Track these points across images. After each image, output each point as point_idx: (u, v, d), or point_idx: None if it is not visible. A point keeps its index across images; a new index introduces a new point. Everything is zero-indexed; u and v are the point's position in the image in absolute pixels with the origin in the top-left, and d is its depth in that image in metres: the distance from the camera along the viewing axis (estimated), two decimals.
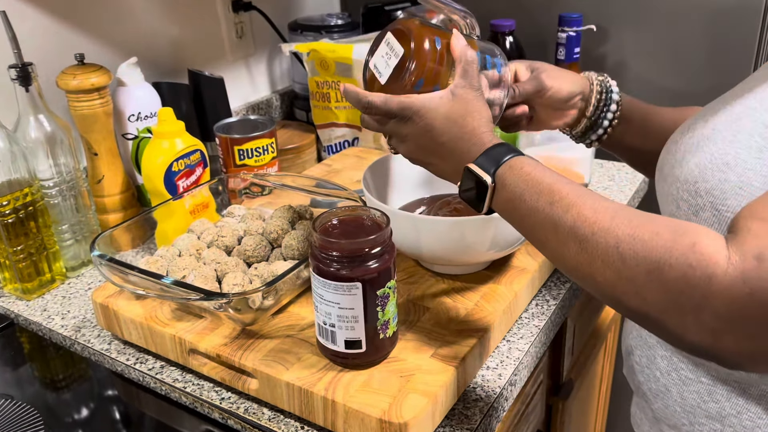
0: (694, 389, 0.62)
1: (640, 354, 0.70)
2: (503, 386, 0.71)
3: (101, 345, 0.81)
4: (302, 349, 0.69)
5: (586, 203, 0.52)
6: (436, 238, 0.74)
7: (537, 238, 0.56)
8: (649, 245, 0.48)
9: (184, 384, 0.74)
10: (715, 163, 0.56)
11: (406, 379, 0.65)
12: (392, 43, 0.66)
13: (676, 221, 0.49)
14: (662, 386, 0.66)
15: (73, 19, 1.05)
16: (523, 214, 0.56)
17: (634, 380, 0.73)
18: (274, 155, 1.08)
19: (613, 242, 0.49)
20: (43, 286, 0.92)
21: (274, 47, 1.44)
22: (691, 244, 0.47)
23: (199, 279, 0.75)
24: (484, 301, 0.76)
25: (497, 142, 0.60)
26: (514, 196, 0.56)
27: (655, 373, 0.67)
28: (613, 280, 0.49)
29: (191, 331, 0.73)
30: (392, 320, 0.66)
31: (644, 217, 0.50)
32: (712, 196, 0.55)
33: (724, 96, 0.65)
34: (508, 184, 0.57)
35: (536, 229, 0.55)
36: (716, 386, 0.60)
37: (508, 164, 0.58)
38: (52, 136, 0.89)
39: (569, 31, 1.18)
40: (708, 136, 0.58)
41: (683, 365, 0.63)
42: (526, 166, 0.57)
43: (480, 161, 0.59)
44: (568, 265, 0.53)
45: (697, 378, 0.62)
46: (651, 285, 0.47)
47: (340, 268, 0.61)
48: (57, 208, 0.92)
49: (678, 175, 0.60)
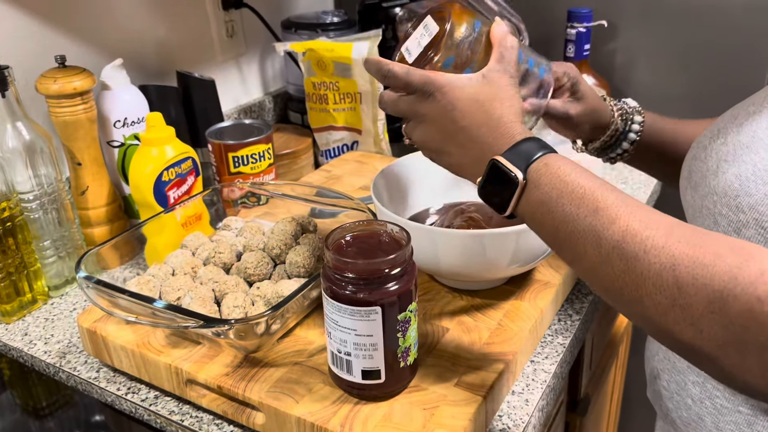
0: (731, 419, 0.57)
1: (668, 379, 0.65)
2: (531, 413, 0.65)
3: (89, 373, 0.74)
4: (313, 379, 0.63)
5: (636, 215, 0.45)
6: (456, 253, 0.68)
7: (572, 250, 0.48)
8: (711, 270, 0.41)
9: (181, 416, 0.67)
10: (758, 174, 0.50)
11: (430, 412, 0.58)
12: (429, 23, 0.60)
13: (738, 242, 0.43)
14: (695, 415, 0.61)
15: (53, 18, 0.98)
16: (557, 222, 0.48)
17: (661, 406, 0.67)
18: (270, 162, 1.01)
19: (668, 263, 0.42)
20: (23, 308, 0.85)
21: (267, 47, 1.37)
22: (759, 272, 0.40)
23: (196, 301, 0.68)
24: (507, 319, 0.70)
25: (529, 135, 0.53)
26: (549, 199, 0.48)
27: (686, 401, 0.62)
28: (665, 308, 0.42)
29: (188, 360, 0.66)
30: (413, 346, 0.60)
31: (704, 236, 0.43)
32: (756, 212, 0.50)
33: (754, 98, 0.60)
34: (542, 185, 0.49)
35: (572, 240, 0.47)
36: (757, 416, 0.55)
37: (542, 161, 0.50)
38: (32, 145, 0.82)
39: (579, 27, 1.12)
40: (747, 144, 0.53)
41: (718, 393, 0.58)
42: (564, 166, 0.49)
43: (509, 155, 0.51)
44: (610, 285, 0.46)
45: (735, 407, 0.56)
46: (711, 317, 0.41)
47: (357, 291, 0.55)
48: (38, 223, 0.85)
49: (714, 186, 0.54)
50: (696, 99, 1.19)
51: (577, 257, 0.48)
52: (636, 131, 0.78)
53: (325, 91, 1.16)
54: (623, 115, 0.78)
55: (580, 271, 0.49)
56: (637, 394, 0.76)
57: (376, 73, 0.58)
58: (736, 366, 0.41)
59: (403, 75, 0.56)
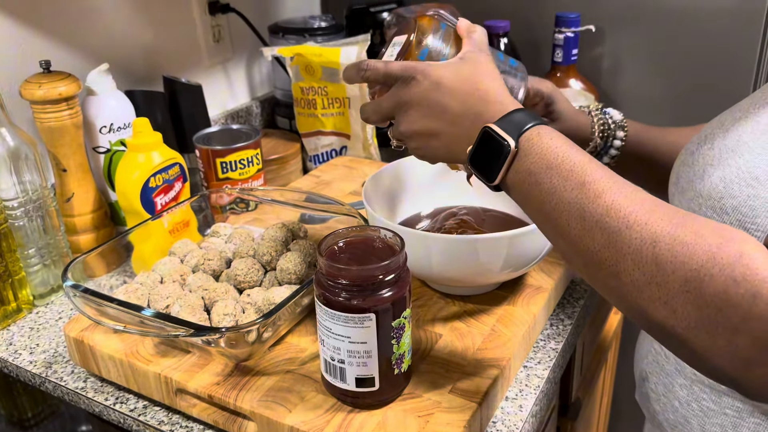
0: (717, 422, 0.58)
1: (656, 381, 0.65)
2: (525, 419, 0.65)
3: (76, 383, 0.73)
4: (305, 387, 0.62)
5: (621, 191, 0.45)
6: (449, 257, 0.67)
7: (557, 223, 0.48)
8: (690, 249, 0.41)
9: (171, 426, 0.66)
10: (742, 177, 0.51)
11: (424, 420, 0.58)
12: (396, 40, 0.62)
13: (720, 224, 0.43)
14: (681, 417, 0.61)
15: (37, 22, 0.97)
16: (544, 193, 0.48)
17: (648, 408, 0.68)
18: (259, 167, 1.01)
19: (649, 239, 0.42)
20: (8, 317, 0.83)
21: (254, 51, 1.36)
22: (737, 254, 0.40)
23: (185, 309, 0.67)
24: (501, 325, 0.70)
25: (519, 107, 0.52)
26: (538, 170, 0.48)
27: (673, 403, 0.62)
28: (642, 284, 0.43)
29: (178, 369, 0.65)
30: (407, 353, 0.59)
31: (686, 215, 0.43)
32: (740, 214, 0.50)
33: (741, 104, 0.61)
34: (533, 153, 0.49)
35: (558, 212, 0.47)
36: (742, 419, 0.56)
37: (536, 131, 0.50)
38: (16, 152, 0.80)
39: (567, 32, 1.13)
40: (732, 148, 0.53)
41: (705, 395, 0.58)
42: (556, 138, 0.49)
43: (501, 123, 0.51)
44: (590, 259, 0.46)
45: (721, 410, 0.57)
46: (685, 296, 0.41)
47: (350, 298, 0.55)
48: (22, 230, 0.84)
49: (700, 189, 0.55)
50: (682, 103, 1.19)
51: (560, 230, 0.48)
52: (617, 147, 0.79)
53: (314, 96, 1.15)
54: (604, 131, 0.79)
55: (562, 245, 0.49)
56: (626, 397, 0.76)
57: (355, 73, 0.58)
58: (706, 348, 0.41)
59: (383, 66, 0.57)
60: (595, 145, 0.79)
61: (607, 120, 0.79)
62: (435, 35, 0.60)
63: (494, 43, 1.17)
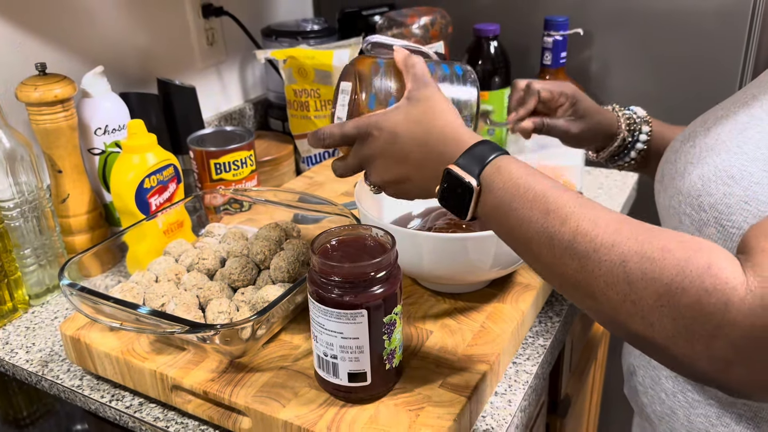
0: (702, 412, 0.60)
1: (643, 375, 0.67)
2: (513, 413, 0.66)
3: (72, 381, 0.74)
4: (299, 383, 0.63)
5: (585, 214, 0.46)
6: (439, 256, 0.69)
7: (529, 251, 0.49)
8: (659, 265, 0.42)
9: (166, 423, 0.67)
10: (719, 175, 0.52)
11: (415, 413, 0.59)
12: (343, 87, 0.64)
13: (686, 236, 0.44)
14: (668, 408, 0.63)
15: (33, 25, 0.98)
16: (512, 225, 0.49)
17: (637, 401, 0.69)
18: (253, 168, 1.02)
19: (618, 260, 0.43)
20: (4, 317, 0.84)
21: (247, 54, 1.37)
22: (706, 266, 0.41)
23: (180, 307, 0.68)
24: (490, 321, 0.71)
25: (479, 140, 0.53)
26: (502, 203, 0.50)
27: (660, 395, 0.64)
28: (617, 303, 0.44)
29: (173, 366, 0.66)
30: (398, 349, 0.61)
31: (651, 231, 0.45)
32: (716, 211, 0.52)
33: (724, 103, 0.62)
34: (495, 189, 0.50)
35: (528, 241, 0.49)
36: (726, 409, 0.58)
37: (494, 164, 0.51)
38: (12, 153, 0.81)
39: (555, 35, 1.14)
40: (711, 147, 0.55)
41: (690, 387, 0.60)
42: (515, 169, 0.50)
43: (461, 161, 0.52)
44: (565, 283, 0.47)
45: (706, 400, 0.59)
46: (660, 310, 0.42)
47: (343, 294, 0.56)
48: (18, 231, 0.84)
49: (680, 187, 0.57)
50: (669, 105, 1.21)
51: (533, 258, 0.49)
52: (643, 141, 0.82)
53: (306, 98, 1.17)
54: (630, 125, 0.82)
55: (539, 271, 0.50)
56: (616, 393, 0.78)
57: (315, 142, 0.61)
58: (686, 355, 0.43)
59: (337, 129, 0.59)
60: (623, 138, 0.82)
61: (632, 115, 0.82)
62: (376, 77, 0.62)
63: (484, 46, 1.18)
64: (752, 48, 1.13)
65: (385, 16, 1.24)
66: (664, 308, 0.42)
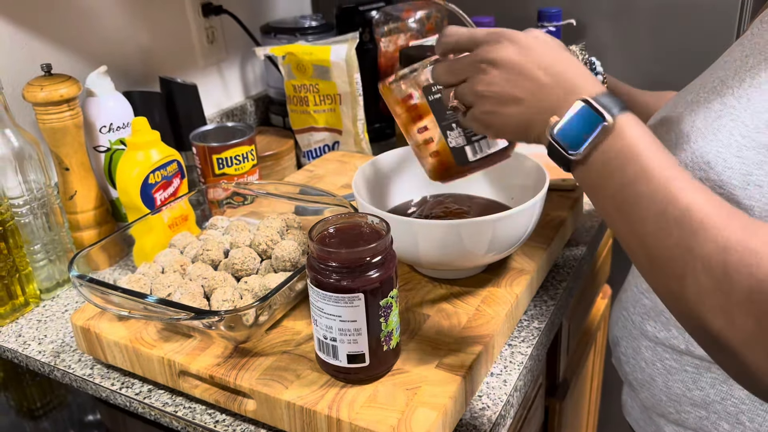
0: (679, 378, 0.63)
1: (626, 345, 0.70)
2: (509, 393, 0.69)
3: (83, 370, 0.77)
4: (301, 366, 0.66)
5: (703, 190, 0.44)
6: (435, 242, 0.71)
7: (630, 213, 0.45)
8: (759, 258, 0.40)
9: (174, 408, 0.70)
10: (696, 162, 0.55)
11: (412, 392, 0.62)
12: None
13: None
14: (648, 376, 0.67)
15: (38, 27, 1.00)
16: (627, 179, 0.45)
17: (621, 370, 0.73)
18: (254, 163, 1.04)
19: (722, 244, 0.41)
20: (16, 311, 0.87)
21: (247, 51, 1.40)
22: None
23: (186, 296, 0.71)
24: (485, 305, 0.74)
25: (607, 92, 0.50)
26: (628, 154, 0.45)
27: (640, 364, 0.68)
28: (706, 290, 0.41)
29: (180, 352, 0.69)
30: (395, 331, 0.63)
31: (760, 225, 0.42)
32: None
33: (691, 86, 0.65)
34: (627, 136, 0.46)
35: (636, 203, 0.45)
36: (701, 375, 0.61)
37: (632, 115, 0.47)
38: (21, 152, 0.84)
39: (549, 26, 1.16)
40: (687, 134, 0.58)
41: (667, 355, 0.64)
42: (647, 129, 0.47)
43: (601, 99, 0.47)
44: (659, 256, 0.44)
45: (682, 367, 0.62)
46: (747, 306, 0.40)
47: (341, 279, 0.58)
48: (28, 228, 0.87)
49: None
50: None
51: (633, 222, 0.46)
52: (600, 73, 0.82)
53: (306, 93, 1.19)
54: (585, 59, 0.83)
55: (630, 237, 0.47)
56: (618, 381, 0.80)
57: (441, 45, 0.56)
58: (758, 366, 0.40)
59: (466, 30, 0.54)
60: None
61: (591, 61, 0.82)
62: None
63: None
64: None
65: (382, 11, 1.26)
66: (752, 305, 0.40)
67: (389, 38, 1.26)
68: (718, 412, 0.60)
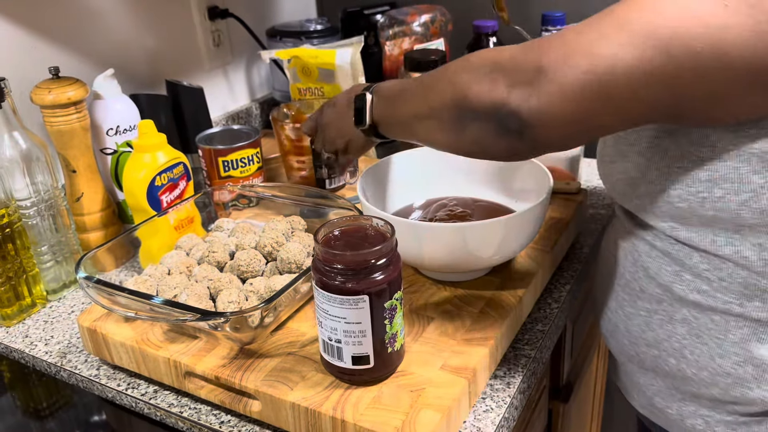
0: (636, 322, 0.70)
1: (601, 301, 0.77)
2: (513, 395, 0.69)
3: (89, 371, 0.77)
4: (305, 367, 0.66)
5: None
6: (439, 245, 0.71)
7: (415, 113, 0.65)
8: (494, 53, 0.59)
9: (180, 408, 0.71)
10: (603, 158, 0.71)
11: (417, 394, 0.62)
12: None
13: None
14: (612, 325, 0.74)
15: (46, 31, 1.01)
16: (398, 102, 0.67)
17: (601, 327, 0.79)
18: (259, 165, 1.05)
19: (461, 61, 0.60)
20: (23, 311, 0.88)
21: (252, 55, 1.41)
22: None
23: (192, 298, 0.71)
24: (489, 307, 0.74)
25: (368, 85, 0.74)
26: (389, 94, 0.69)
27: (607, 314, 0.75)
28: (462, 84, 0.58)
29: (186, 353, 0.70)
30: (400, 333, 0.64)
31: None
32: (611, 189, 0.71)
33: None
34: (383, 89, 0.71)
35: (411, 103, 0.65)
36: (651, 317, 0.68)
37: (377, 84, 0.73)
38: (28, 154, 0.85)
39: (553, 30, 1.17)
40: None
41: (625, 302, 0.71)
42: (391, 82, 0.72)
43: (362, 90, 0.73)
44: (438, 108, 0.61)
45: (637, 312, 0.69)
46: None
47: (346, 281, 0.59)
48: (35, 229, 0.88)
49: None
50: None
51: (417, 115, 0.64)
52: None
53: (311, 96, 1.20)
54: None
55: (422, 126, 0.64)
56: None
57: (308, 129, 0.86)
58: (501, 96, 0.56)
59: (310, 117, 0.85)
60: None
61: None
62: None
63: (483, 42, 1.21)
64: None
65: (387, 15, 1.27)
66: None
67: (394, 42, 1.27)
68: (666, 350, 0.66)
